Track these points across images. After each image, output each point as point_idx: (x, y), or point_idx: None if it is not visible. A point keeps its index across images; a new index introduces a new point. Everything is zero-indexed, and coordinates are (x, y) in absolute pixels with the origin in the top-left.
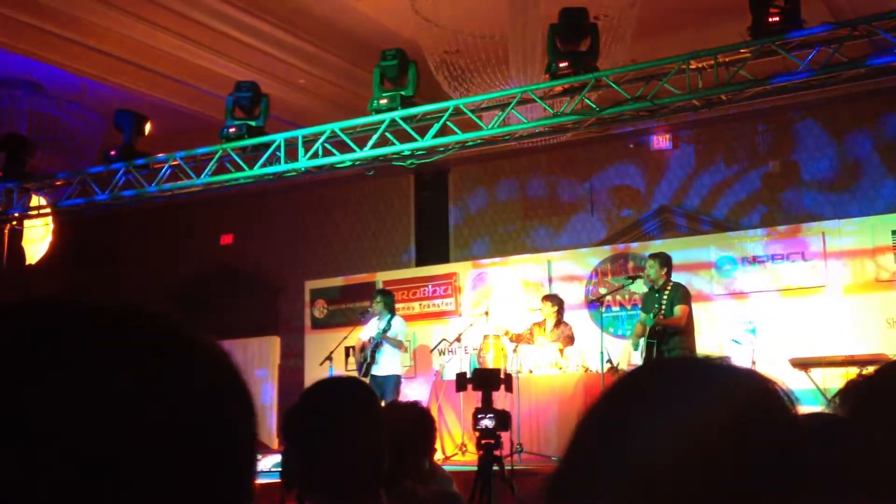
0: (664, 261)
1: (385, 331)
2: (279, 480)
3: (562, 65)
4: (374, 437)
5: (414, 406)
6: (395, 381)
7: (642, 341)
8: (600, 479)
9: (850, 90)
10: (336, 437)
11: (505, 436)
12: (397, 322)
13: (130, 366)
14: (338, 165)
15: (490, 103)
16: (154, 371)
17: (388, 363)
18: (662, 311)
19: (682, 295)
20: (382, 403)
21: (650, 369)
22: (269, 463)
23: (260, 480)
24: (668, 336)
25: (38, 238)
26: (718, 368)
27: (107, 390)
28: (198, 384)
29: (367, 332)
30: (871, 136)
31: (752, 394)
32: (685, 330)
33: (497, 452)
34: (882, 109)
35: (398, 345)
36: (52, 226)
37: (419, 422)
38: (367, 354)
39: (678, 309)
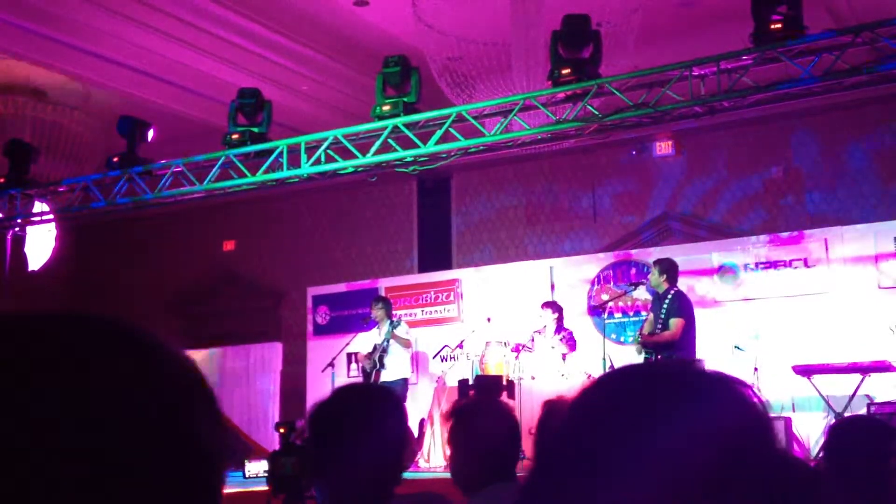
0: (665, 268)
1: (395, 326)
2: (267, 488)
3: (564, 71)
4: (395, 442)
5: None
6: (403, 384)
7: (643, 350)
8: (573, 491)
9: (853, 97)
10: (364, 438)
11: None
12: (403, 322)
13: (90, 377)
14: (340, 172)
15: (493, 110)
16: (118, 381)
17: (395, 367)
18: (661, 323)
19: (679, 307)
20: None
21: (617, 380)
22: (257, 468)
23: (247, 488)
24: (664, 346)
25: (40, 244)
26: (691, 376)
27: (69, 400)
28: (162, 393)
29: (366, 343)
30: (873, 142)
31: (726, 400)
32: (683, 339)
33: None
34: (885, 116)
35: (406, 343)
36: (54, 232)
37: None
38: (376, 360)
39: (673, 322)
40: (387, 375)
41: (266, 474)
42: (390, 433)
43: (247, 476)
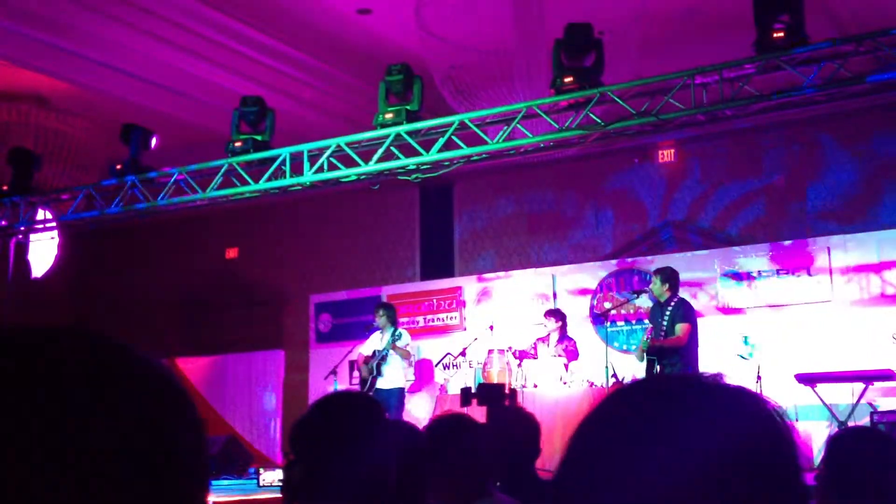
0: (666, 277)
1: (394, 341)
2: (280, 495)
3: (567, 80)
4: (381, 451)
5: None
6: (400, 393)
7: (645, 357)
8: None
9: (856, 105)
10: (344, 451)
11: None
12: (404, 333)
13: (72, 391)
14: (343, 180)
15: (495, 118)
16: (97, 396)
17: (392, 376)
18: (663, 331)
19: (684, 313)
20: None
21: (641, 390)
22: (271, 477)
23: (263, 495)
24: (668, 353)
25: (43, 252)
26: (712, 388)
27: (52, 415)
28: (143, 407)
29: (368, 346)
30: (876, 150)
31: (748, 415)
32: (687, 346)
33: None
34: (887, 124)
35: (406, 355)
36: (57, 239)
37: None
38: (373, 367)
39: (679, 328)
40: (383, 383)
41: (280, 483)
42: (375, 445)
43: (261, 484)
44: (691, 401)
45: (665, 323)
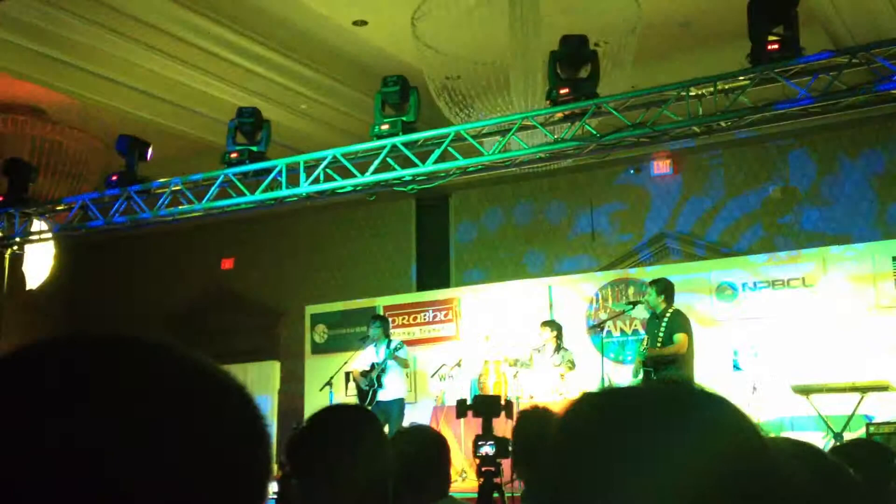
0: (662, 288)
1: (396, 349)
2: None
3: (562, 91)
4: (377, 464)
5: (426, 430)
6: (400, 404)
7: (641, 369)
8: None
9: (850, 116)
10: (339, 465)
11: (505, 463)
12: (403, 344)
13: (158, 402)
14: (339, 191)
15: (491, 129)
16: (183, 407)
17: (392, 387)
18: (659, 342)
19: (681, 323)
20: (387, 428)
21: (608, 400)
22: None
23: None
24: (665, 364)
25: (39, 263)
26: (690, 397)
27: (139, 426)
28: (227, 419)
29: (361, 361)
30: (870, 162)
31: (724, 423)
32: (684, 358)
33: (497, 480)
34: (882, 136)
35: (405, 364)
36: (53, 251)
37: (431, 445)
38: (374, 379)
39: (677, 337)
40: (384, 395)
41: (275, 496)
42: (371, 458)
43: None
44: (660, 406)
45: (661, 334)
